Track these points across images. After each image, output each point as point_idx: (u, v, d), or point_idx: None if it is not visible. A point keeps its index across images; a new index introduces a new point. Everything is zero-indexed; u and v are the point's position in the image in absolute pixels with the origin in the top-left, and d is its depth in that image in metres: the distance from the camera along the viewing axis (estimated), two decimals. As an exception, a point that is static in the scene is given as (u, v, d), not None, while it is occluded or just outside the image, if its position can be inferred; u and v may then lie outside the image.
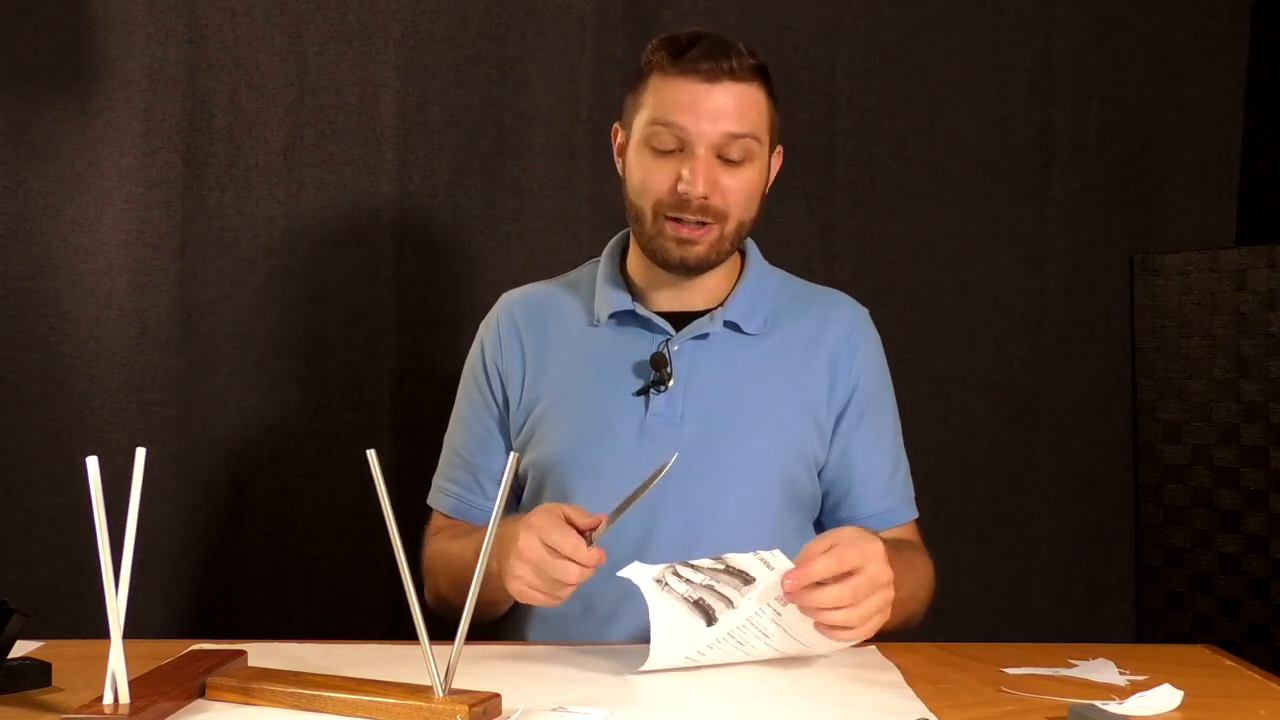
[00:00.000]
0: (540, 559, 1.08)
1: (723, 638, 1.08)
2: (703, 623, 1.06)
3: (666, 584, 1.06)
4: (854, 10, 2.00)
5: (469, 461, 1.44)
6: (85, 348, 1.89)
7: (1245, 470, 1.92)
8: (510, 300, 1.47)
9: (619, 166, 1.39)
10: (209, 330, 1.91)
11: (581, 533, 1.09)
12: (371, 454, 0.95)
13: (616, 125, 1.39)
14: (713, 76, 1.27)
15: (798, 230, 1.99)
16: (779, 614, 1.07)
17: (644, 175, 1.31)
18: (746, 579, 1.06)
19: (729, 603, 1.06)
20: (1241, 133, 2.02)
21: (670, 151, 1.29)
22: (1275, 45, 1.98)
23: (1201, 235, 2.03)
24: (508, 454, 1.41)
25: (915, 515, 1.42)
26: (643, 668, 1.07)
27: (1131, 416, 2.04)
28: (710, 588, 1.06)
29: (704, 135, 1.27)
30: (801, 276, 1.50)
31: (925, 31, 2.01)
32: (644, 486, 1.10)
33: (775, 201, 1.98)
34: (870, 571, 1.05)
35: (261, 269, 1.92)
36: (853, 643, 1.11)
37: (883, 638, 1.18)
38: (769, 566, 1.06)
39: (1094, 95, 2.02)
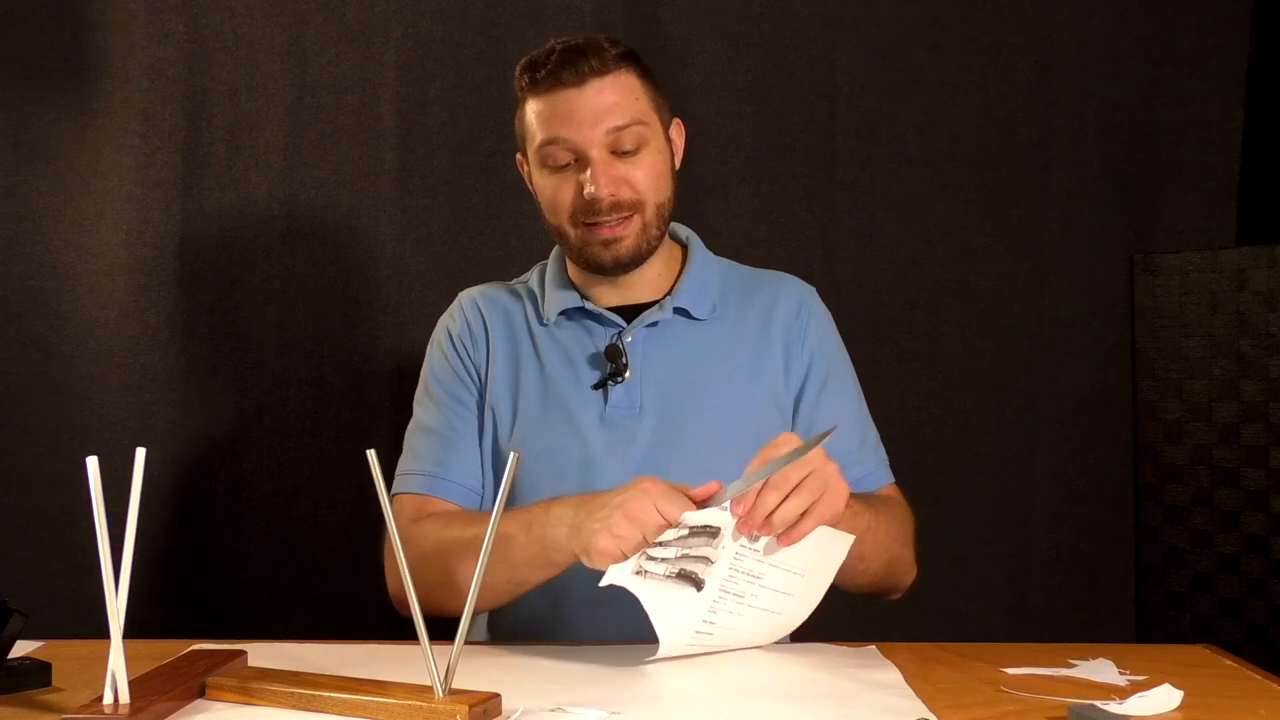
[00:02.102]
0: (654, 524, 1.05)
1: (718, 596, 1.09)
2: (692, 589, 1.07)
3: (646, 572, 1.06)
4: (854, 10, 1.99)
5: (445, 436, 1.39)
6: (85, 348, 1.89)
7: (1245, 470, 1.92)
8: (471, 295, 1.48)
9: (533, 194, 1.40)
10: (209, 330, 1.91)
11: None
12: (371, 454, 0.95)
13: (519, 155, 1.41)
14: (578, 80, 1.29)
15: (798, 230, 1.99)
16: (756, 549, 1.08)
17: (551, 195, 1.35)
18: (712, 531, 1.07)
19: (706, 560, 1.07)
20: (1241, 133, 2.02)
21: (567, 165, 1.32)
22: (1275, 45, 1.98)
23: (1201, 235, 2.03)
24: (480, 431, 1.40)
25: (891, 480, 1.41)
26: (655, 656, 1.08)
27: (1131, 416, 2.04)
28: (685, 556, 1.07)
29: (591, 139, 1.29)
30: (801, 276, 1.50)
31: (925, 31, 2.00)
32: (791, 455, 1.06)
33: (775, 201, 1.99)
34: (784, 446, 1.06)
35: (261, 269, 1.92)
36: (844, 549, 1.11)
37: (883, 633, 1.18)
38: (724, 509, 1.07)
39: (1094, 95, 2.02)
